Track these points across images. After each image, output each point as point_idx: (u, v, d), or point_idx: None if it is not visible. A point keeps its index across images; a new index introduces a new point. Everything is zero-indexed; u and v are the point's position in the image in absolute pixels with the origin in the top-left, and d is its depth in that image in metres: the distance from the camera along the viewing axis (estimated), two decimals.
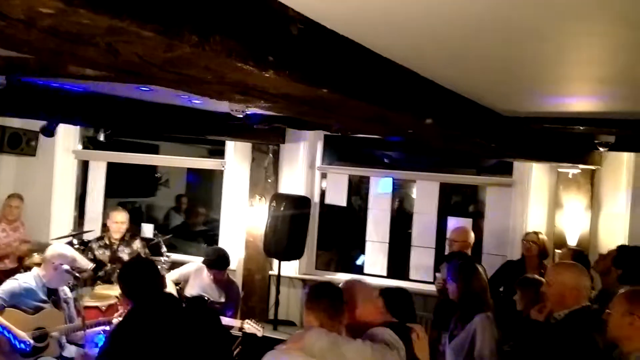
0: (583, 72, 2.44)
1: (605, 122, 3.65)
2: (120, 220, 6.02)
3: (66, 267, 4.37)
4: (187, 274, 5.55)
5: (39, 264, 4.63)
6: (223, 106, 4.65)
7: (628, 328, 2.72)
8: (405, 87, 2.53)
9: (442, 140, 3.23)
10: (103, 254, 6.06)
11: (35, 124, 6.17)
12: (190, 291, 5.47)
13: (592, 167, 5.87)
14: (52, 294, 4.31)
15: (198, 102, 5.00)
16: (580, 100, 3.14)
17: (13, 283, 4.17)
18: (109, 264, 6.02)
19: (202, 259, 5.58)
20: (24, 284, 4.16)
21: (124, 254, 6.05)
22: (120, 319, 3.55)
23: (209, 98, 2.28)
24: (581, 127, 3.69)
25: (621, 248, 4.53)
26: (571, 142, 4.83)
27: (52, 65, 2.64)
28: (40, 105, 4.39)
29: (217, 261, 5.33)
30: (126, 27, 1.28)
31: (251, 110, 4.89)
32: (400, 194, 7.32)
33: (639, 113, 3.38)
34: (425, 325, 4.96)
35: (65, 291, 4.52)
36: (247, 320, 5.24)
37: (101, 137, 5.80)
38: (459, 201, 7.40)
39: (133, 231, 6.50)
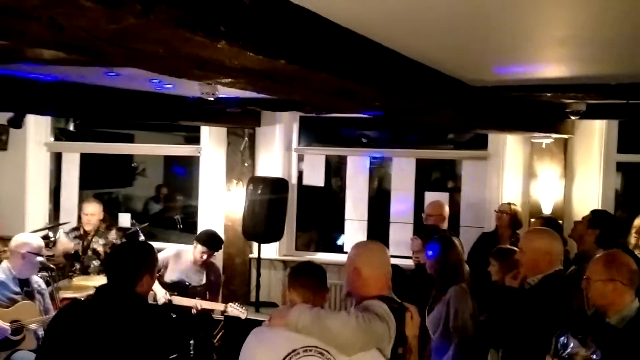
0: (543, 33, 2.43)
1: (572, 87, 3.67)
2: (90, 212, 5.92)
3: (40, 258, 4.34)
4: (166, 259, 5.56)
5: None
6: (194, 90, 4.61)
7: (612, 294, 2.76)
8: (368, 59, 2.51)
9: (409, 112, 3.22)
10: (78, 244, 6.00)
11: (4, 117, 6.06)
12: (170, 276, 5.49)
13: (565, 136, 5.92)
14: (25, 285, 4.27)
15: (170, 86, 4.93)
16: (544, 65, 3.15)
17: None
18: (83, 255, 5.96)
19: (181, 245, 5.59)
20: None
21: (98, 245, 5.98)
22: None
23: (168, 76, 2.24)
24: (548, 94, 3.71)
25: (594, 211, 4.64)
26: (542, 110, 4.85)
27: (7, 50, 2.59)
28: (4, 96, 4.30)
29: (212, 241, 5.41)
30: None
31: (223, 93, 4.85)
32: (378, 172, 7.33)
33: (604, 76, 3.41)
34: None
35: (39, 282, 4.48)
36: (230, 304, 5.29)
37: (71, 127, 5.71)
38: (438, 177, 7.45)
39: (110, 222, 6.44)
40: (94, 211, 5.93)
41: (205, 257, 5.36)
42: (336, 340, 2.32)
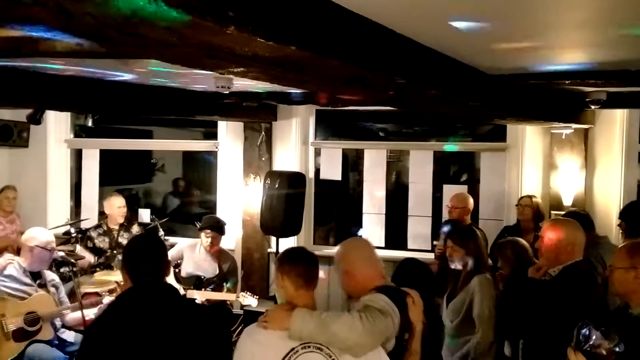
0: (562, 18, 2.38)
1: (591, 74, 3.59)
2: (121, 204, 6.10)
3: (56, 253, 4.42)
4: (181, 250, 5.66)
5: None
6: (210, 84, 4.62)
7: (633, 282, 2.70)
8: (381, 46, 2.49)
9: (424, 101, 3.18)
10: (103, 242, 6.09)
11: (24, 115, 6.11)
12: (186, 268, 5.54)
13: (585, 127, 5.82)
14: (37, 278, 4.35)
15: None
16: (562, 51, 3.09)
17: None
18: (109, 251, 6.04)
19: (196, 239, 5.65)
20: (5, 271, 4.22)
21: (124, 240, 6.08)
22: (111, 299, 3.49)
23: (181, 66, 2.24)
24: (567, 82, 3.64)
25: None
26: (562, 100, 4.77)
27: (19, 43, 2.60)
28: (22, 92, 4.34)
29: (213, 223, 5.52)
30: None
31: (238, 84, 4.85)
32: (395, 165, 7.29)
33: (623, 62, 3.34)
34: None
35: (53, 277, 4.56)
36: (242, 293, 5.36)
37: (89, 123, 5.77)
38: (456, 170, 7.39)
39: (130, 217, 6.53)
40: (123, 203, 6.12)
41: (210, 240, 5.44)
42: (345, 344, 2.28)
